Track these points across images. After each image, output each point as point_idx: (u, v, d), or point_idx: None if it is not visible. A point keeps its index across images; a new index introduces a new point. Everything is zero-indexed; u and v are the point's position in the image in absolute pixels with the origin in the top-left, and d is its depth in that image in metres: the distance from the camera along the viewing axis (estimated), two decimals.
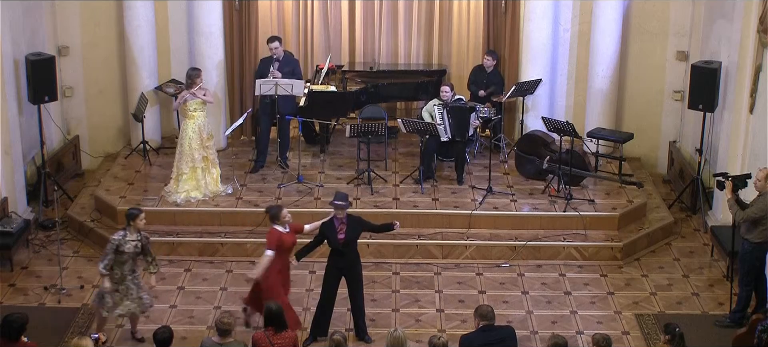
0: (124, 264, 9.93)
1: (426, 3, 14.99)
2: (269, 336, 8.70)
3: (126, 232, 9.92)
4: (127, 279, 9.98)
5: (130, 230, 9.92)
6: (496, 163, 13.70)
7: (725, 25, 13.02)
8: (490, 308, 8.90)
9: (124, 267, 9.94)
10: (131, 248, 9.90)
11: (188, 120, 12.45)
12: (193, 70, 12.58)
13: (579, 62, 14.46)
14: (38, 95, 12.91)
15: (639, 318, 10.94)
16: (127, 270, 9.97)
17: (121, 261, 9.91)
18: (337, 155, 14.27)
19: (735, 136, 12.23)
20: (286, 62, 13.33)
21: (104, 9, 14.32)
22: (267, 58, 13.38)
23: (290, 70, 13.26)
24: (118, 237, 9.89)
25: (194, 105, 12.40)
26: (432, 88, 14.02)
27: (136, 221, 9.90)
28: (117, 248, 9.85)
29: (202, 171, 12.61)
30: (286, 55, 13.48)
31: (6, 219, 12.04)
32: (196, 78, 12.44)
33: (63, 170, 14.07)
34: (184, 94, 12.43)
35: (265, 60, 13.38)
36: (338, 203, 10.06)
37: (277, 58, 13.20)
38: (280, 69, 13.13)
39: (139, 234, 9.97)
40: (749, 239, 10.34)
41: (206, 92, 12.53)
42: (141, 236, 9.99)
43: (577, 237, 12.30)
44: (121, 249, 9.86)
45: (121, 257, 9.89)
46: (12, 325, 8.62)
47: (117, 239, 9.87)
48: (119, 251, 9.86)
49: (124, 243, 9.86)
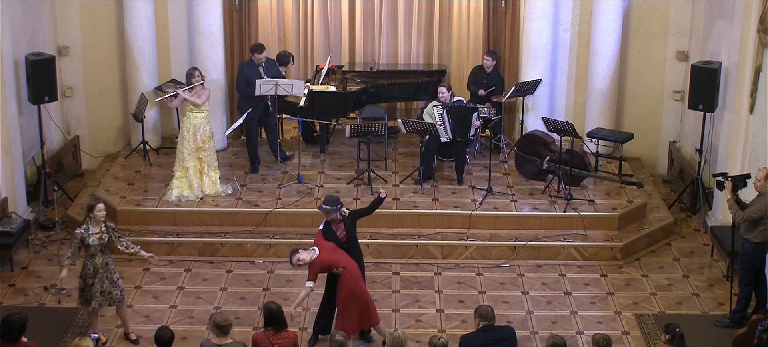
0: (94, 257, 9.89)
1: (426, 3, 14.99)
2: (269, 336, 8.70)
3: (88, 225, 9.86)
4: (99, 272, 9.93)
5: (91, 223, 9.86)
6: (496, 163, 13.70)
7: (725, 25, 13.02)
8: (490, 308, 8.90)
9: (95, 260, 9.90)
10: (96, 241, 9.83)
11: (184, 120, 12.47)
12: (191, 69, 12.59)
13: (579, 62, 14.46)
14: (38, 95, 12.91)
15: (639, 318, 10.94)
16: (99, 263, 9.91)
17: (91, 254, 9.88)
18: (337, 155, 14.27)
19: (735, 136, 12.23)
20: (269, 67, 13.33)
21: (104, 9, 14.33)
22: (248, 62, 13.35)
23: (274, 73, 13.27)
24: (82, 232, 9.84)
25: (189, 105, 12.38)
26: (432, 88, 14.01)
27: (95, 212, 9.84)
28: (82, 242, 9.83)
29: (195, 171, 12.59)
30: (268, 61, 13.45)
31: (6, 219, 12.04)
32: (191, 77, 12.43)
33: (63, 170, 14.07)
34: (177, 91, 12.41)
35: (248, 65, 13.32)
36: (325, 208, 10.07)
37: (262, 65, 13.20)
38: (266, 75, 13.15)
39: (102, 226, 9.89)
40: (749, 239, 10.33)
41: (198, 93, 12.43)
42: (105, 227, 9.91)
43: (577, 237, 12.30)
44: (86, 243, 9.83)
45: (89, 250, 9.86)
46: (12, 325, 8.61)
47: (80, 233, 9.84)
48: (85, 245, 9.84)
49: (87, 237, 9.82)
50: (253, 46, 13.47)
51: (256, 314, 10.81)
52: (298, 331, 10.37)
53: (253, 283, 11.64)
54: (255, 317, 10.75)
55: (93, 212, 9.85)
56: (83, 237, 9.84)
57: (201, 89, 12.46)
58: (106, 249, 10.00)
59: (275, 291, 11.40)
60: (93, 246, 9.84)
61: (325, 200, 10.16)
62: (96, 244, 9.85)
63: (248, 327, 10.53)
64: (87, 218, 9.91)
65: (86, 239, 9.83)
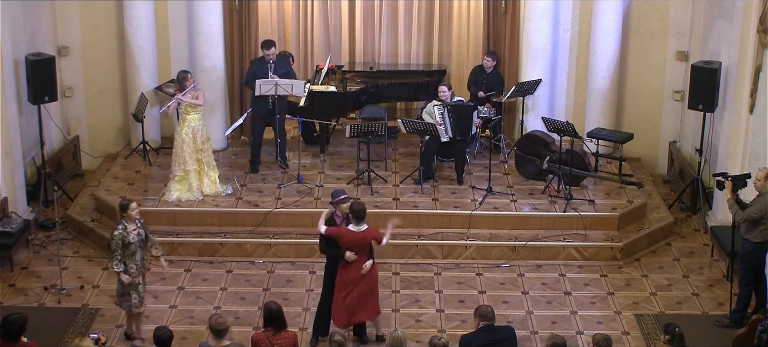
0: (135, 255, 9.94)
1: (426, 3, 14.99)
2: (269, 336, 8.69)
3: (124, 224, 9.92)
4: (140, 272, 10.00)
5: (126, 222, 9.92)
6: (496, 163, 13.70)
7: (725, 25, 13.02)
8: (490, 308, 8.89)
9: (135, 258, 9.94)
10: (135, 238, 9.90)
11: (182, 122, 12.43)
12: (182, 73, 12.52)
13: (579, 62, 14.46)
14: (38, 95, 12.91)
15: (639, 318, 10.94)
16: (139, 259, 9.99)
17: (131, 252, 9.91)
18: (337, 155, 14.27)
19: (735, 136, 12.23)
20: (280, 64, 13.34)
21: (104, 9, 14.33)
22: (259, 59, 13.36)
23: (284, 72, 13.27)
24: (120, 231, 9.88)
25: (186, 107, 12.36)
26: (432, 88, 14.01)
27: (129, 211, 9.90)
28: (123, 242, 9.85)
29: (195, 174, 12.59)
30: (279, 57, 13.47)
31: (6, 219, 12.04)
32: (184, 80, 12.39)
33: (63, 170, 14.07)
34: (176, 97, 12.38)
35: (258, 61, 13.34)
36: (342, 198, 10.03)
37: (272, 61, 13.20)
38: (275, 72, 13.14)
39: (137, 222, 9.97)
40: (749, 239, 10.33)
41: (196, 94, 12.42)
42: (139, 223, 10.00)
43: (577, 237, 12.30)
44: (127, 241, 9.86)
45: (129, 249, 9.89)
46: (12, 325, 8.60)
47: (119, 233, 9.86)
48: (125, 243, 9.86)
49: (127, 235, 9.86)
50: (262, 42, 13.45)
51: (256, 314, 10.81)
52: (298, 331, 10.36)
53: (253, 283, 11.64)
54: (255, 317, 10.75)
55: (127, 211, 9.90)
56: (123, 237, 9.85)
57: (194, 90, 12.45)
58: (144, 245, 10.07)
59: (275, 291, 11.40)
60: (133, 243, 9.88)
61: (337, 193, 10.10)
62: (136, 241, 9.90)
63: (248, 327, 10.53)
64: (121, 219, 9.94)
65: (126, 237, 9.85)
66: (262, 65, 13.21)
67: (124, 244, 9.87)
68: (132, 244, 9.89)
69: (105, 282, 11.60)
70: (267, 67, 13.16)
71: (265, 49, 13.22)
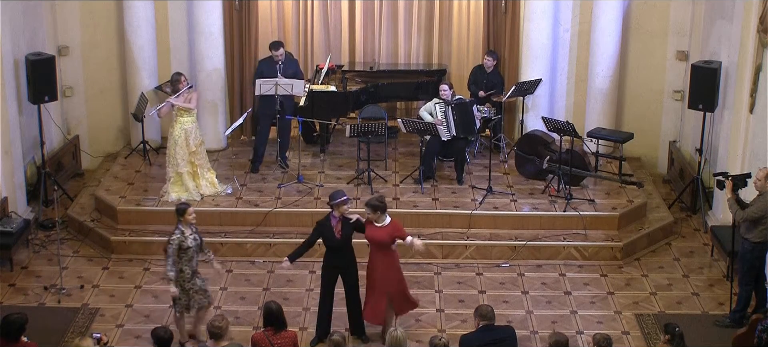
0: (191, 260, 9.89)
1: (426, 3, 14.99)
2: (269, 336, 8.69)
3: (181, 229, 9.85)
4: (195, 275, 9.95)
5: (183, 226, 9.86)
6: (496, 163, 13.70)
7: (725, 25, 13.02)
8: (490, 308, 8.90)
9: (192, 263, 9.90)
10: (193, 242, 9.85)
11: (175, 124, 12.41)
12: (176, 75, 12.47)
13: (579, 62, 14.47)
14: (38, 95, 12.91)
15: (639, 318, 10.94)
16: (196, 264, 9.94)
17: (188, 257, 9.86)
18: (337, 155, 14.27)
19: (735, 136, 12.23)
20: (289, 64, 13.35)
21: (104, 9, 14.33)
22: (267, 59, 13.37)
23: (293, 72, 13.28)
24: (178, 236, 9.80)
25: (179, 110, 12.34)
26: (432, 88, 14.01)
27: (186, 216, 9.84)
28: (180, 247, 9.79)
29: (188, 175, 12.57)
30: (287, 57, 13.48)
31: (6, 219, 12.04)
32: (178, 83, 12.34)
33: (63, 170, 14.07)
34: (168, 100, 12.36)
35: (266, 61, 13.36)
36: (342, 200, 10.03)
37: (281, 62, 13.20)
38: (284, 72, 13.14)
39: (192, 227, 9.92)
40: (749, 238, 10.33)
41: (189, 97, 12.36)
42: (194, 227, 9.95)
43: (577, 237, 12.30)
44: (185, 246, 9.80)
45: (186, 254, 9.83)
46: (12, 325, 8.61)
47: (177, 239, 9.78)
48: (183, 248, 9.80)
49: (185, 239, 9.81)
50: (271, 43, 13.43)
51: (256, 314, 10.81)
52: (298, 331, 10.36)
53: (253, 283, 11.64)
54: (255, 317, 10.75)
55: (184, 216, 9.83)
56: (181, 242, 9.79)
57: (188, 93, 12.41)
58: (200, 250, 10.02)
59: (275, 290, 11.40)
60: (191, 248, 9.83)
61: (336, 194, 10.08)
62: (193, 246, 9.85)
63: (248, 326, 10.53)
64: (178, 223, 9.87)
65: (184, 241, 9.80)
66: (271, 65, 13.21)
67: (182, 249, 9.81)
68: (189, 249, 9.83)
69: (105, 282, 11.60)
70: (276, 68, 13.17)
71: (273, 50, 13.21)
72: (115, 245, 12.20)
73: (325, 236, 10.07)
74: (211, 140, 13.99)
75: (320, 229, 10.08)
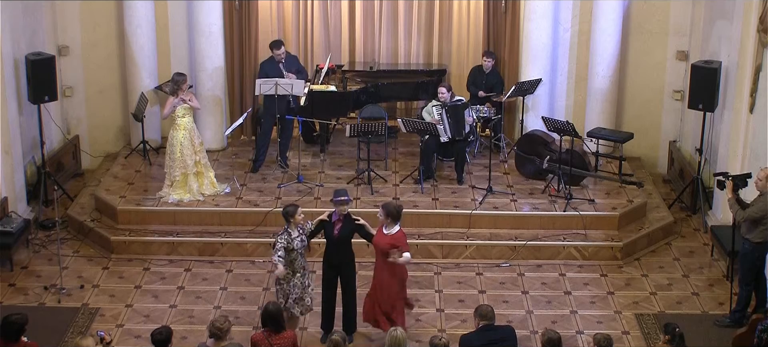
0: (295, 263, 9.87)
1: (426, 3, 14.99)
2: (268, 337, 8.69)
3: (288, 231, 9.83)
4: (296, 275, 9.92)
5: (291, 229, 9.83)
6: (496, 163, 13.70)
7: (725, 25, 13.02)
8: (490, 308, 8.90)
9: (294, 265, 9.88)
10: (299, 244, 9.82)
11: (178, 126, 12.38)
12: (179, 76, 12.47)
13: (579, 62, 14.46)
14: (38, 95, 12.91)
15: (639, 317, 10.94)
16: (298, 266, 9.91)
17: (292, 259, 9.84)
18: (337, 155, 14.28)
19: (735, 136, 12.23)
20: (291, 63, 13.36)
21: (104, 9, 14.33)
22: (269, 59, 13.37)
23: (296, 69, 13.30)
24: (285, 238, 9.77)
25: (182, 111, 12.33)
26: (432, 88, 14.01)
27: (295, 217, 9.81)
28: (285, 250, 9.77)
29: (195, 176, 12.58)
30: (288, 56, 13.49)
31: (6, 219, 12.04)
32: (182, 83, 12.36)
33: (63, 170, 14.07)
34: (173, 101, 12.35)
35: (268, 62, 13.35)
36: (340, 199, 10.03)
37: (281, 61, 13.21)
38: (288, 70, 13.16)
39: (300, 229, 9.89)
40: (749, 238, 10.33)
41: (191, 97, 12.43)
42: (301, 229, 9.91)
43: (577, 237, 12.30)
44: (291, 247, 9.78)
45: (290, 256, 9.81)
46: (12, 325, 8.61)
47: (283, 241, 9.75)
48: (288, 250, 9.78)
49: (292, 241, 9.79)
50: (271, 42, 13.44)
51: (256, 314, 10.80)
52: (298, 331, 10.36)
53: (253, 283, 11.64)
54: (255, 317, 10.75)
55: (294, 217, 9.80)
56: (287, 243, 9.76)
57: (189, 93, 12.47)
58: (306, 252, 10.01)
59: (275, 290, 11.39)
60: (296, 250, 9.80)
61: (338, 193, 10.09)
62: (299, 248, 9.82)
63: (248, 326, 10.54)
64: (286, 225, 9.84)
65: (290, 243, 9.77)
66: (274, 65, 13.22)
67: (287, 250, 9.79)
68: (294, 251, 9.81)
69: (105, 281, 11.60)
70: (279, 67, 13.17)
71: (274, 49, 13.22)
72: (115, 245, 12.21)
73: (325, 231, 10.11)
74: (211, 140, 14.00)
75: (323, 223, 10.11)
